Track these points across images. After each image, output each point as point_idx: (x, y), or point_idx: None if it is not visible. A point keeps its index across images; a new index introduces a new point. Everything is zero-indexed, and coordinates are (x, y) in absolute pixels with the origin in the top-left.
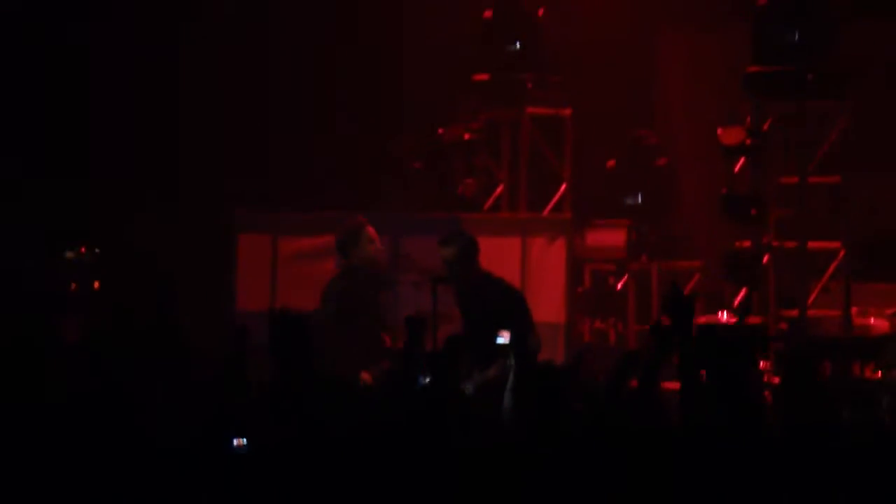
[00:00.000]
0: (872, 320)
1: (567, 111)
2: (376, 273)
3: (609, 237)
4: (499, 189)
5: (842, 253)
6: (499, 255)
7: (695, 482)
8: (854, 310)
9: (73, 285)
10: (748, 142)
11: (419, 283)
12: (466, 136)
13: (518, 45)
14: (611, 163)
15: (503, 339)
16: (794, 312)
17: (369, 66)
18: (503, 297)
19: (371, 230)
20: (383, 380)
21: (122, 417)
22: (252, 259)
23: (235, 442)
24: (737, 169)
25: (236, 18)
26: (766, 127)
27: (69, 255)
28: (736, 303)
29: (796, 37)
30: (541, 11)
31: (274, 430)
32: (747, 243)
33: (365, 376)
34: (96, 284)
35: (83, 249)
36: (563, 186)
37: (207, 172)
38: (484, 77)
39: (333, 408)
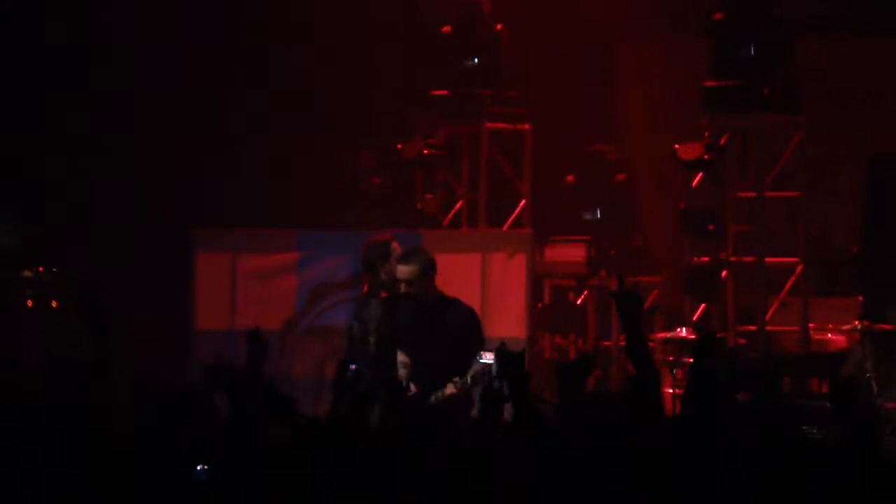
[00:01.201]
0: (830, 336)
1: (526, 126)
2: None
3: (568, 253)
4: (458, 205)
5: (799, 268)
6: (459, 271)
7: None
8: (812, 325)
9: (30, 303)
10: (706, 157)
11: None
12: (426, 152)
13: (476, 61)
14: (570, 178)
15: (486, 359)
16: (753, 328)
17: (328, 82)
18: (463, 316)
19: (397, 245)
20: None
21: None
22: (210, 277)
23: (199, 468)
24: (695, 184)
25: (193, 34)
26: (723, 141)
27: (27, 273)
28: (695, 318)
29: (752, 51)
30: (499, 26)
31: (239, 457)
32: (706, 258)
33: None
34: (54, 303)
35: (41, 268)
36: (523, 202)
37: (164, 190)
38: (443, 92)
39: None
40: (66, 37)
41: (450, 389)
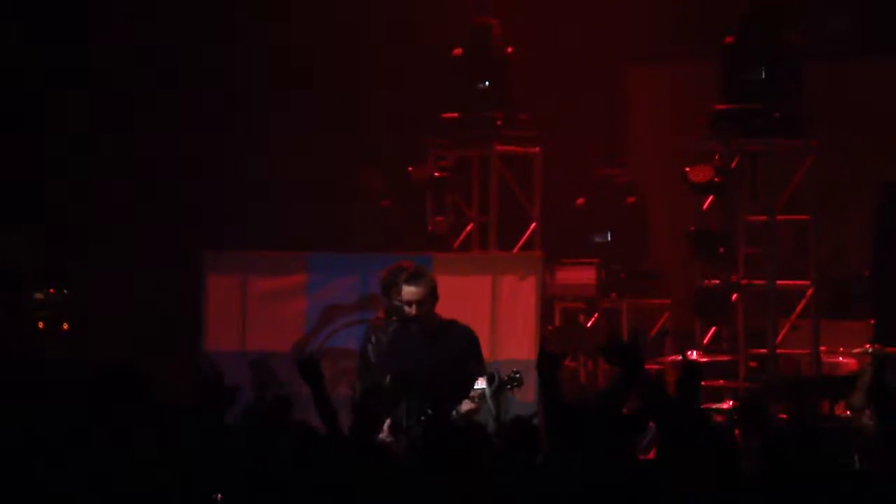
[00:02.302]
0: (841, 359)
1: (536, 149)
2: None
3: (579, 275)
4: (469, 227)
5: (810, 291)
6: (469, 294)
7: None
8: (823, 348)
9: (41, 325)
10: (716, 180)
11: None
12: (436, 175)
13: (487, 84)
14: (580, 201)
15: (482, 384)
16: (764, 350)
17: (339, 104)
18: (462, 336)
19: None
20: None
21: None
22: (221, 299)
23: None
24: (705, 207)
25: (200, 52)
26: (733, 165)
27: (38, 295)
28: (705, 341)
29: (763, 75)
30: (510, 50)
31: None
32: (716, 281)
33: None
34: (65, 325)
35: (52, 290)
36: (533, 225)
37: (174, 213)
38: (453, 115)
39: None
40: (70, 59)
41: (466, 406)
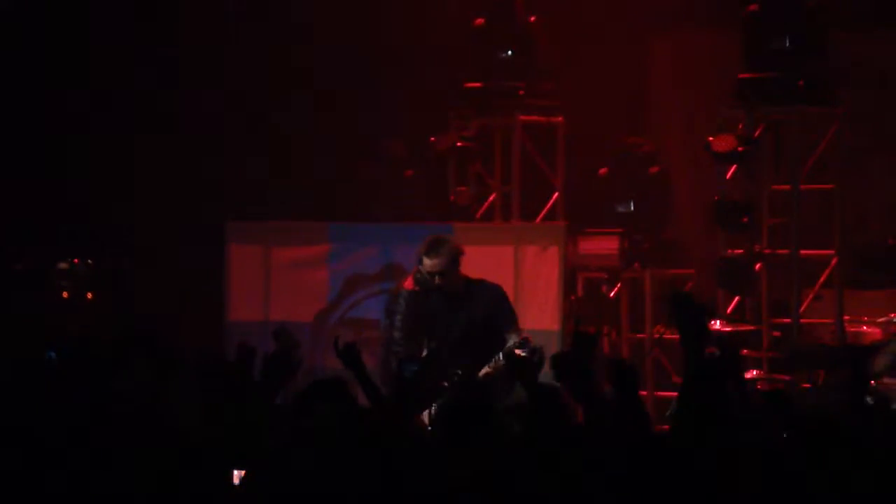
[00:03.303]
0: (865, 328)
1: (559, 119)
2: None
3: (602, 245)
4: (491, 197)
5: (834, 261)
6: (492, 264)
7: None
8: (847, 318)
9: (65, 294)
10: (740, 149)
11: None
12: (458, 144)
13: (510, 53)
14: (603, 171)
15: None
16: (787, 320)
17: (361, 74)
18: (490, 293)
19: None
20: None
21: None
22: (243, 269)
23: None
24: (728, 176)
25: (226, 24)
26: (757, 134)
27: (62, 265)
28: (729, 311)
29: (787, 43)
30: (533, 19)
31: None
32: (739, 251)
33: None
34: (89, 295)
35: (76, 260)
36: (556, 195)
37: (197, 182)
38: (476, 85)
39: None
40: (112, 36)
41: (485, 370)
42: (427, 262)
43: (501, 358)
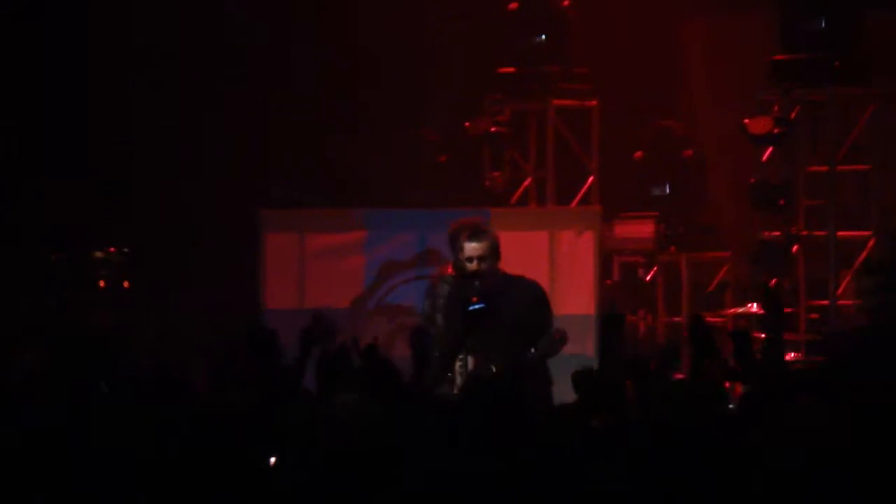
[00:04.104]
0: None
1: (593, 103)
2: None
3: (637, 229)
4: (526, 182)
5: (872, 242)
6: (527, 249)
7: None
8: None
9: (102, 283)
10: (776, 131)
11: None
12: (493, 130)
13: (544, 38)
14: (638, 154)
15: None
16: (825, 302)
17: (394, 60)
18: (530, 291)
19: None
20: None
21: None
22: (279, 257)
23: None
24: (764, 158)
25: (255, 14)
26: (793, 115)
27: (98, 254)
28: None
29: (822, 24)
30: (566, 2)
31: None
32: (776, 233)
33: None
34: (126, 284)
35: (112, 249)
36: (591, 179)
37: (232, 170)
38: (510, 70)
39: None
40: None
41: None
42: (468, 245)
43: (533, 353)
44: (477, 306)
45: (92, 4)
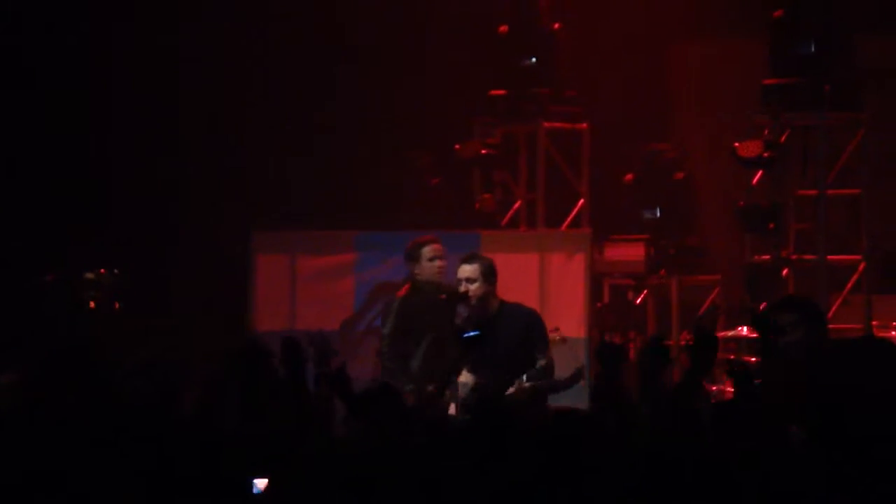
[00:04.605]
0: (894, 333)
1: (584, 125)
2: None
3: (627, 252)
4: (516, 204)
5: (862, 266)
6: (517, 271)
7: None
8: (875, 323)
9: (92, 304)
10: (765, 155)
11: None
12: (483, 152)
13: (534, 60)
14: (628, 177)
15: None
16: None
17: (385, 83)
18: (525, 317)
19: (434, 247)
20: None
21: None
22: (270, 279)
23: (257, 484)
24: (755, 182)
25: (245, 32)
26: (783, 139)
27: (89, 275)
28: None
29: (812, 48)
30: (556, 26)
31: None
32: (766, 257)
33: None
34: (116, 305)
35: (102, 270)
36: (581, 201)
37: (224, 193)
38: (500, 92)
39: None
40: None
41: (510, 390)
42: (461, 267)
43: (525, 380)
44: (471, 333)
45: (65, 36)
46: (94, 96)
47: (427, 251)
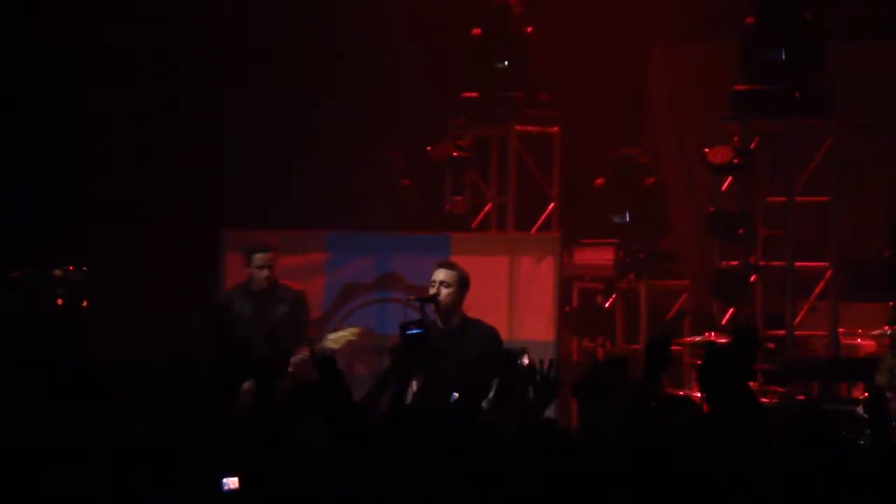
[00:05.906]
0: (860, 341)
1: (555, 129)
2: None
3: (597, 256)
4: (487, 207)
5: (829, 273)
6: (487, 274)
7: None
8: (841, 330)
9: (60, 302)
10: (735, 161)
11: (407, 302)
12: (454, 154)
13: (506, 63)
14: (599, 181)
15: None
16: (782, 332)
17: (358, 84)
18: (485, 337)
19: (260, 257)
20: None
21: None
22: (240, 278)
23: (226, 482)
24: (724, 188)
25: (218, 35)
26: (753, 146)
27: (57, 272)
28: (724, 322)
29: (783, 55)
30: (529, 29)
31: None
32: (734, 262)
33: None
34: (84, 303)
35: (71, 267)
36: (552, 205)
37: (192, 191)
38: (472, 95)
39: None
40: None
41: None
42: (437, 270)
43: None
44: (414, 331)
45: (51, 35)
46: (69, 97)
47: (254, 259)
